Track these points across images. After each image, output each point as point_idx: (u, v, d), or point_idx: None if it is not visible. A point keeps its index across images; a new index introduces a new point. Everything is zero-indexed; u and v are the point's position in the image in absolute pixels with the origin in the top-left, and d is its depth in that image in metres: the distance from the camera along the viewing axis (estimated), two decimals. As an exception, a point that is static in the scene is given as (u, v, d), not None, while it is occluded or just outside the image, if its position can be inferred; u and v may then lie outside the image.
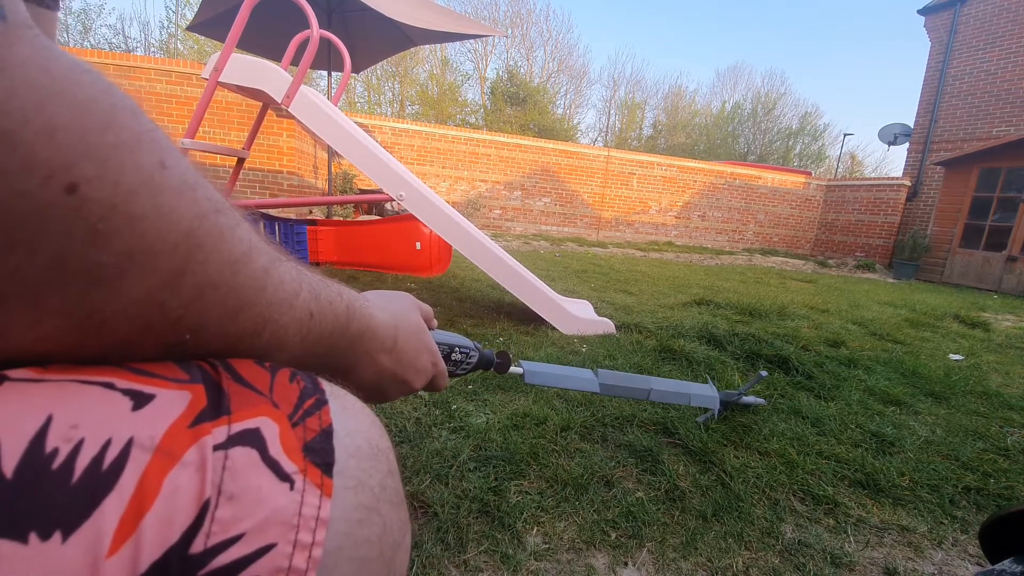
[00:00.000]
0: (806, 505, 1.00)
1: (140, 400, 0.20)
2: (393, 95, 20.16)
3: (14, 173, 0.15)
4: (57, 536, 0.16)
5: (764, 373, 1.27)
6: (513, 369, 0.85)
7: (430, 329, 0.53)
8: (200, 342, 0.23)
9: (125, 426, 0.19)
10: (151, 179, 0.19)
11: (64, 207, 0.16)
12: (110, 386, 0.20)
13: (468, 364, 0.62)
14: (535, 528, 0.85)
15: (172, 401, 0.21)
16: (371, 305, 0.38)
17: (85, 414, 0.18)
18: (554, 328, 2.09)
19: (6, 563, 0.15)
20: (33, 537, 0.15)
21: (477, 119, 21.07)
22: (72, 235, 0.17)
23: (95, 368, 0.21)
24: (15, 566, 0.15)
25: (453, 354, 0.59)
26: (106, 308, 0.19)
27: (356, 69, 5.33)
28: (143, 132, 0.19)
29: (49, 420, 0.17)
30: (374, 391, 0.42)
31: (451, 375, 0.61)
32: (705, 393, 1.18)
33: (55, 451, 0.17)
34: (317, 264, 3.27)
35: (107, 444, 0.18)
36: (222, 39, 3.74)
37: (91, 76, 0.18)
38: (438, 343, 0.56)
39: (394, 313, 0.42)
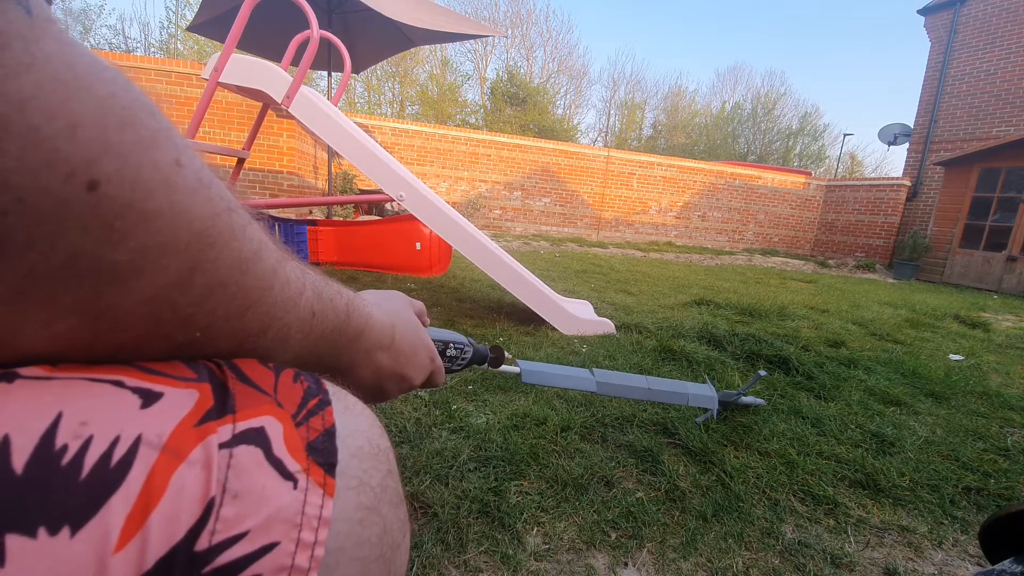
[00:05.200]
0: (806, 505, 1.00)
1: (149, 398, 0.20)
2: (393, 95, 20.16)
3: (37, 169, 0.15)
4: (65, 531, 0.16)
5: (763, 373, 1.27)
6: (510, 368, 0.85)
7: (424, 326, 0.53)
8: (208, 340, 0.23)
9: (133, 424, 0.19)
10: (167, 177, 0.19)
11: (84, 204, 0.16)
12: (119, 384, 0.20)
13: (463, 360, 0.63)
14: (535, 528, 0.85)
15: (180, 399, 0.21)
16: (368, 304, 0.38)
17: (94, 411, 0.18)
18: (554, 328, 2.09)
19: (16, 557, 0.15)
20: (42, 532, 0.16)
21: (477, 119, 21.07)
22: (89, 232, 0.17)
23: (105, 366, 0.21)
24: (24, 560, 0.15)
25: (448, 350, 0.60)
26: (119, 306, 0.19)
27: (356, 69, 5.33)
28: (160, 130, 0.19)
29: (59, 417, 0.18)
30: (374, 389, 0.42)
31: (447, 371, 0.61)
32: (703, 393, 1.18)
33: (64, 448, 0.17)
34: (317, 264, 3.27)
35: (115, 441, 0.18)
36: (222, 39, 3.74)
37: (111, 73, 0.18)
38: (432, 340, 0.57)
39: (390, 311, 0.42)
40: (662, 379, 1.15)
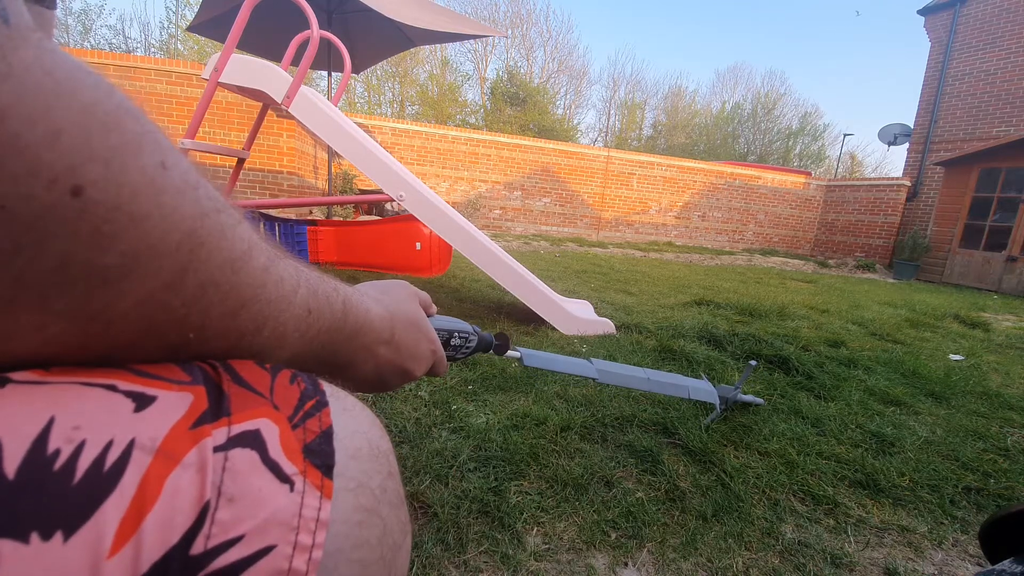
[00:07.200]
0: (806, 505, 1.00)
1: (142, 402, 0.20)
2: (393, 95, 20.16)
3: (20, 176, 0.15)
4: (58, 536, 0.16)
5: (754, 363, 1.27)
6: (511, 353, 0.85)
7: (429, 315, 0.54)
8: (202, 341, 0.23)
9: (127, 428, 0.19)
10: (153, 180, 0.19)
11: (69, 209, 0.16)
12: (112, 388, 0.20)
13: (467, 348, 0.63)
14: (535, 528, 0.85)
15: (173, 403, 0.21)
16: (366, 298, 0.38)
17: (87, 416, 0.18)
18: (554, 328, 2.09)
19: (7, 563, 0.15)
20: (34, 537, 0.16)
21: (477, 119, 21.06)
22: (77, 237, 0.17)
23: (97, 370, 0.21)
24: (16, 566, 0.15)
25: (452, 339, 0.60)
26: (111, 309, 0.19)
27: (356, 69, 5.33)
28: (144, 133, 0.19)
29: (51, 422, 0.18)
30: (375, 382, 0.42)
31: (451, 359, 0.62)
32: (703, 387, 1.19)
33: (57, 452, 0.17)
34: (317, 264, 3.27)
35: (109, 445, 0.18)
36: (222, 40, 3.74)
37: (93, 79, 0.18)
38: (437, 329, 0.57)
39: (388, 305, 0.42)
40: (661, 372, 1.15)
